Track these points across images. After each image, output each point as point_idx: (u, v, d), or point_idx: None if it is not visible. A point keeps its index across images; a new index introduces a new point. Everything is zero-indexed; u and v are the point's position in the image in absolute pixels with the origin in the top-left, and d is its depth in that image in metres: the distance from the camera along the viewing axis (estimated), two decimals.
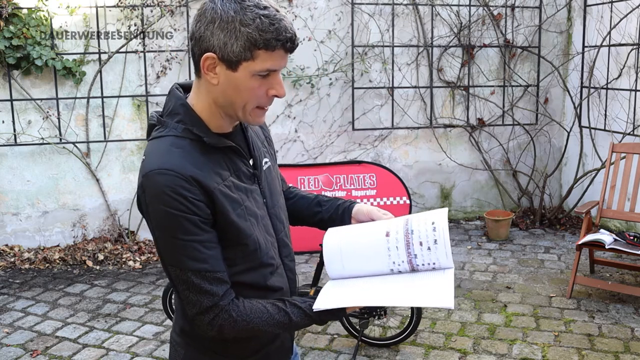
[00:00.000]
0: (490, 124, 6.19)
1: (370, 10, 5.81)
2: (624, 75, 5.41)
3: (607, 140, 5.48)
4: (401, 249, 1.40)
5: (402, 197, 5.62)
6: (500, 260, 5.17)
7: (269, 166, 1.54)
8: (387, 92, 5.97)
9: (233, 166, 1.40)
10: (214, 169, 1.35)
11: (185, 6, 5.41)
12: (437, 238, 1.38)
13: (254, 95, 1.32)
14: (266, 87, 1.33)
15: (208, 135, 1.36)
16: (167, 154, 1.32)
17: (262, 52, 1.27)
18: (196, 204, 1.29)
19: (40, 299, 4.53)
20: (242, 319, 1.36)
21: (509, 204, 6.38)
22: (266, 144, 1.60)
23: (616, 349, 3.60)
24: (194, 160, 1.32)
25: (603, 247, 4.10)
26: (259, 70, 1.29)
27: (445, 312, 4.15)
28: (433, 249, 1.38)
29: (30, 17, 5.08)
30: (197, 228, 1.30)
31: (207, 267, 1.32)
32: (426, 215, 1.45)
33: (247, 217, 1.40)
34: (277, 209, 1.54)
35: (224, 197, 1.34)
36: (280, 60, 1.30)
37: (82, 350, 3.76)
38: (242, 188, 1.41)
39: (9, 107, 5.24)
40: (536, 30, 6.06)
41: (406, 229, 1.42)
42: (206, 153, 1.35)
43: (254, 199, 1.44)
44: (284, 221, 1.56)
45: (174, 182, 1.28)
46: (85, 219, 5.57)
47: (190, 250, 1.30)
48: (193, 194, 1.29)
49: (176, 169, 1.29)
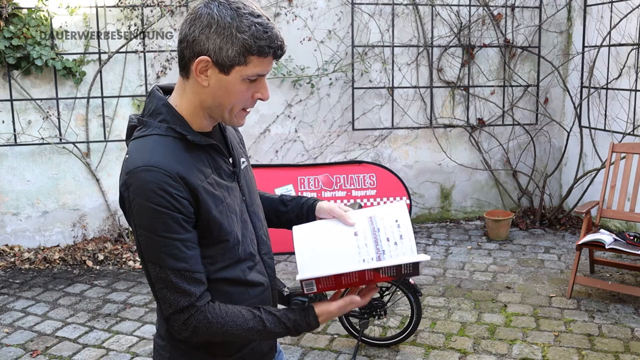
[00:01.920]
0: (490, 124, 6.19)
1: (370, 10, 5.81)
2: (624, 75, 5.41)
3: (607, 140, 5.49)
4: (370, 247, 1.47)
5: (402, 197, 5.62)
6: (500, 260, 5.17)
7: (246, 166, 1.60)
8: (387, 92, 5.97)
9: (215, 164, 1.45)
10: (197, 167, 1.38)
11: (185, 6, 5.41)
12: (402, 233, 1.48)
13: (242, 98, 1.38)
14: (253, 90, 1.39)
15: (191, 134, 1.40)
16: (152, 152, 1.34)
17: (255, 58, 1.33)
18: (180, 202, 1.32)
19: (40, 299, 4.53)
20: (216, 321, 1.38)
21: (509, 204, 6.38)
22: (241, 145, 1.65)
23: (616, 349, 3.60)
24: (178, 157, 1.36)
25: (603, 247, 4.10)
26: (250, 74, 1.35)
27: (445, 312, 4.16)
28: (400, 244, 1.47)
29: (30, 17, 5.08)
30: (179, 226, 1.33)
31: (187, 266, 1.34)
32: (388, 210, 1.53)
33: (229, 213, 1.43)
34: (255, 207, 1.59)
35: (207, 194, 1.37)
36: (268, 66, 1.38)
37: (82, 350, 3.76)
38: (224, 185, 1.45)
39: (9, 107, 5.24)
40: (536, 30, 6.07)
41: (372, 227, 1.49)
42: (189, 151, 1.39)
43: (234, 196, 1.48)
44: (262, 219, 1.61)
45: (160, 178, 1.31)
46: (85, 219, 5.57)
47: (172, 249, 1.32)
48: (178, 191, 1.32)
49: (162, 165, 1.32)
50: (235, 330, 1.39)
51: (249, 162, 1.65)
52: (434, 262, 5.15)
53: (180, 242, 1.33)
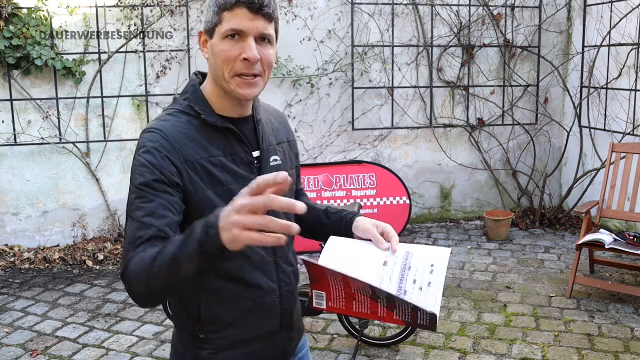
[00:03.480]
0: (490, 124, 6.19)
1: (370, 10, 5.81)
2: (624, 75, 5.41)
3: (607, 140, 5.49)
4: (394, 282, 1.36)
5: (402, 197, 5.62)
6: (500, 260, 5.17)
7: (278, 165, 1.54)
8: (387, 92, 5.97)
9: (230, 149, 1.44)
10: (203, 144, 1.40)
11: (185, 6, 5.41)
12: (432, 281, 1.35)
13: (227, 58, 1.38)
14: (238, 51, 1.37)
15: (207, 114, 1.43)
16: (162, 121, 1.42)
17: (226, 13, 1.36)
18: (167, 164, 1.34)
19: (40, 299, 4.53)
20: (141, 258, 1.26)
21: (509, 204, 6.38)
22: (286, 148, 1.61)
23: (616, 349, 3.60)
24: (184, 130, 1.40)
25: (603, 247, 4.10)
26: (225, 31, 1.37)
27: (445, 312, 4.15)
28: (425, 291, 1.34)
29: (30, 17, 5.08)
30: (159, 184, 1.33)
31: (155, 222, 1.30)
32: (430, 252, 1.41)
33: (230, 199, 1.31)
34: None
35: (202, 170, 1.38)
36: (245, 20, 1.36)
37: (82, 350, 3.76)
38: (232, 171, 1.43)
39: (9, 107, 5.24)
40: (536, 30, 6.07)
41: (405, 263, 1.39)
42: (201, 129, 1.42)
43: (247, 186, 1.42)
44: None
45: (156, 138, 1.37)
46: (85, 219, 5.57)
47: (146, 202, 1.32)
48: (168, 153, 1.35)
49: (163, 129, 1.39)
50: (153, 266, 1.23)
51: (290, 166, 1.61)
52: None
53: (155, 199, 1.31)
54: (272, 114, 1.65)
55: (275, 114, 1.66)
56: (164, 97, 5.53)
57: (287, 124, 1.69)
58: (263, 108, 1.61)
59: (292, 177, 1.55)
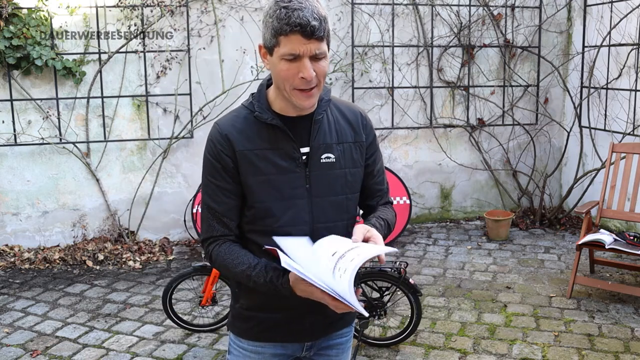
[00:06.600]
0: (490, 124, 6.19)
1: (370, 10, 5.81)
2: (624, 75, 5.41)
3: (607, 140, 5.48)
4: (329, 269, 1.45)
5: (402, 197, 5.63)
6: (500, 260, 5.17)
7: (331, 162, 1.67)
8: (387, 92, 5.97)
9: (277, 143, 1.63)
10: (251, 137, 1.62)
11: (185, 6, 5.41)
12: (347, 267, 1.41)
13: (286, 76, 1.54)
14: (296, 70, 1.52)
15: (261, 111, 1.63)
16: (226, 116, 1.68)
17: (282, 38, 1.50)
18: (221, 155, 1.61)
19: (40, 299, 4.53)
20: (221, 256, 1.66)
21: (509, 204, 6.38)
22: (347, 148, 1.70)
23: (616, 349, 3.60)
24: (239, 124, 1.64)
25: (603, 247, 4.11)
26: (282, 54, 1.51)
27: (445, 312, 4.15)
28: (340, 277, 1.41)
29: (30, 17, 5.08)
30: (218, 174, 1.63)
31: (217, 207, 1.65)
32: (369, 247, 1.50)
33: (268, 187, 1.62)
34: (325, 202, 1.67)
35: (246, 159, 1.61)
36: (299, 45, 1.49)
37: (82, 350, 3.76)
38: (275, 164, 1.62)
39: (9, 107, 5.24)
40: (536, 30, 6.07)
41: (343, 254, 1.45)
42: (255, 124, 1.63)
43: (289, 179, 1.63)
44: (330, 216, 1.68)
45: (215, 133, 1.64)
46: (85, 219, 5.57)
47: (210, 189, 1.65)
48: (222, 147, 1.62)
49: (221, 125, 1.65)
50: (231, 268, 1.64)
51: (350, 164, 1.70)
52: (434, 262, 5.15)
53: (216, 187, 1.64)
54: (346, 113, 1.75)
55: (349, 114, 1.75)
56: (164, 97, 5.53)
57: (360, 125, 1.75)
58: (337, 107, 1.74)
59: (352, 176, 1.71)
